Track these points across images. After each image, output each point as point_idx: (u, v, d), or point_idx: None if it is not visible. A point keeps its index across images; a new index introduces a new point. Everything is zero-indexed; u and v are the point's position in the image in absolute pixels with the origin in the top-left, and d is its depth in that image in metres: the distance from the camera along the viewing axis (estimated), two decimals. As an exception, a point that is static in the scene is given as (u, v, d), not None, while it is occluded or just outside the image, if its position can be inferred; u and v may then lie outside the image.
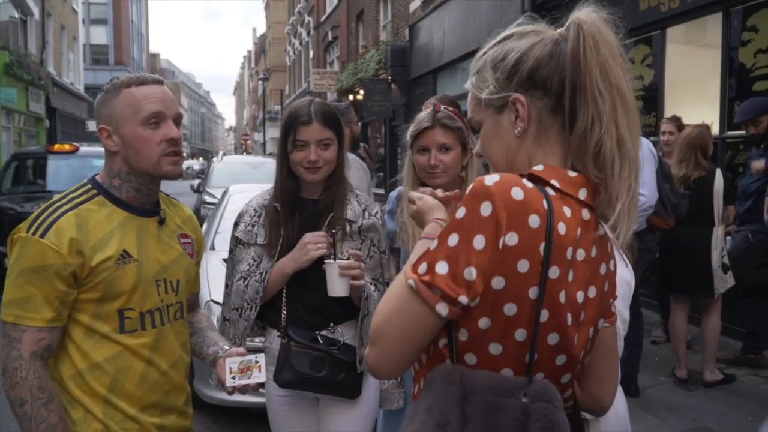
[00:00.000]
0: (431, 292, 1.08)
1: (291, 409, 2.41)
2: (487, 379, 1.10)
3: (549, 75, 1.19)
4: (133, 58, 43.49)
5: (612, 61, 1.16)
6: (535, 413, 1.06)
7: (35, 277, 1.63)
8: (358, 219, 2.38)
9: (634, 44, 7.68)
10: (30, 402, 1.62)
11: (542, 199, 1.11)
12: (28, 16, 23.88)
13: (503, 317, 1.10)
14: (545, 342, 1.13)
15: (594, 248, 1.19)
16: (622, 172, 1.16)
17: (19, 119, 23.15)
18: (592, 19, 1.18)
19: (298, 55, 36.28)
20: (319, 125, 2.28)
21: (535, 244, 1.09)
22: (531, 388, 1.08)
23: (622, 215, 1.16)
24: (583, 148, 1.17)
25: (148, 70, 49.82)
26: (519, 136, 1.21)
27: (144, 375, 1.78)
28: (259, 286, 2.30)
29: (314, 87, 23.15)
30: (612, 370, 1.35)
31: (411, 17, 15.87)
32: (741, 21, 6.13)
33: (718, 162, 5.79)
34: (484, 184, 1.10)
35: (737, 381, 5.04)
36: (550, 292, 1.11)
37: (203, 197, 11.42)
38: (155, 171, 1.78)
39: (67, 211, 1.70)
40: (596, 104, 1.15)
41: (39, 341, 1.65)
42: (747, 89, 5.91)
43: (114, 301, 1.72)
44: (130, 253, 1.75)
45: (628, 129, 1.17)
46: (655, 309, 6.49)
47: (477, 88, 1.25)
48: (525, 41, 1.21)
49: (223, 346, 1.99)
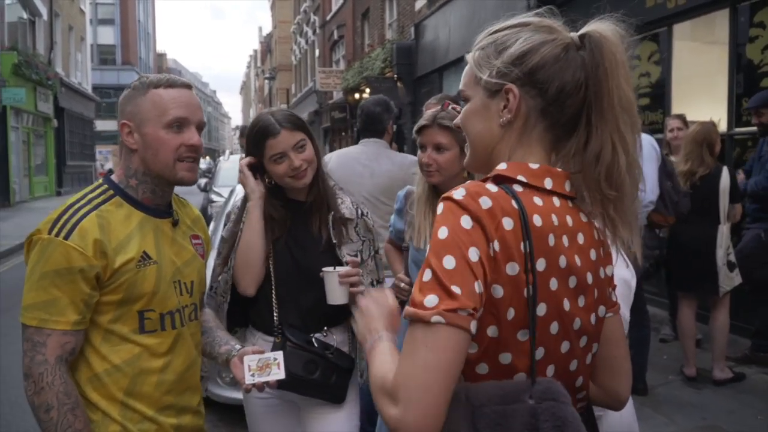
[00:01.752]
0: (460, 315, 1.04)
1: (270, 412, 2.38)
2: (492, 389, 1.09)
3: (549, 78, 1.17)
4: (140, 58, 43.62)
5: (626, 84, 1.18)
6: (543, 413, 1.05)
7: (60, 279, 1.61)
8: (353, 217, 2.35)
9: (640, 41, 7.65)
10: (56, 407, 1.59)
11: (510, 199, 1.11)
12: (37, 16, 24.00)
13: (507, 323, 1.10)
14: (548, 333, 1.13)
15: (580, 234, 1.20)
16: (633, 191, 1.20)
17: (27, 119, 23.27)
18: (612, 35, 1.18)
19: (304, 53, 36.30)
20: (288, 131, 2.22)
21: (516, 245, 1.09)
22: (535, 389, 1.08)
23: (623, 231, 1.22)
24: (595, 166, 1.18)
25: (155, 70, 50.09)
26: (503, 126, 1.21)
27: (161, 376, 1.77)
28: (227, 276, 2.29)
29: (320, 86, 23.15)
30: (624, 361, 1.35)
31: (417, 15, 15.85)
32: (748, 17, 6.10)
33: (726, 159, 5.77)
34: (454, 198, 1.10)
35: (747, 379, 5.01)
36: (542, 285, 1.11)
37: (210, 196, 11.45)
38: (170, 176, 1.77)
39: (89, 212, 1.68)
40: (617, 124, 1.17)
41: (64, 345, 1.62)
42: (755, 86, 5.87)
43: (135, 303, 1.71)
44: (150, 254, 1.74)
45: (636, 152, 1.20)
46: (664, 307, 6.47)
47: (477, 66, 1.23)
48: (537, 36, 1.19)
49: (235, 345, 2.00)
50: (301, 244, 2.30)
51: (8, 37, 21.00)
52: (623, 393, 1.36)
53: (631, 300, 1.75)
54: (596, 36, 1.18)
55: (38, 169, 24.94)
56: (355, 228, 2.35)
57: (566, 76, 1.18)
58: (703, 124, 4.93)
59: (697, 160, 4.81)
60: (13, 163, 20.93)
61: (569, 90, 1.18)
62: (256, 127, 2.26)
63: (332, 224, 2.30)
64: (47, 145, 25.87)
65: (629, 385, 1.36)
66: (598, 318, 1.24)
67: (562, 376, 1.18)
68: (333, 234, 2.28)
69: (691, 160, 4.83)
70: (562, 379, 1.17)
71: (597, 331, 1.25)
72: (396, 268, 3.01)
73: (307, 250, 2.27)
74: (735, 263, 4.87)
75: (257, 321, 2.35)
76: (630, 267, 1.73)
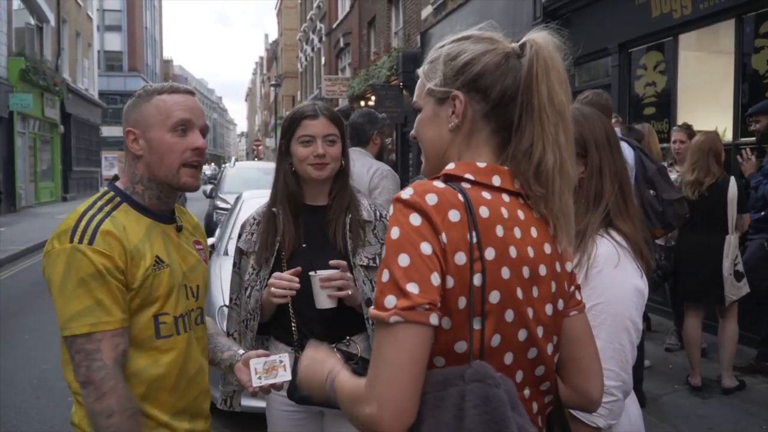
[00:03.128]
0: (418, 311, 1.09)
1: (295, 423, 2.34)
2: (436, 376, 1.13)
3: (491, 83, 1.26)
4: (146, 65, 43.85)
5: (558, 87, 1.25)
6: (469, 393, 1.09)
7: (96, 282, 1.60)
8: (372, 219, 2.33)
9: (646, 51, 7.67)
10: (118, 413, 1.57)
11: (457, 193, 1.17)
12: (44, 22, 24.16)
13: (459, 312, 1.14)
14: (503, 321, 1.17)
15: (533, 228, 1.24)
16: (562, 191, 1.26)
17: (34, 125, 23.39)
18: (547, 43, 1.26)
19: (309, 61, 36.43)
20: (326, 120, 2.26)
21: (463, 235, 1.14)
22: (467, 372, 1.11)
23: (560, 230, 1.27)
24: (526, 164, 1.24)
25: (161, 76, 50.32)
26: (452, 131, 1.29)
27: (176, 381, 1.78)
28: (259, 295, 2.26)
29: (326, 93, 23.23)
30: (593, 361, 1.37)
31: (423, 24, 15.91)
32: (754, 28, 6.11)
33: (731, 168, 5.77)
34: (402, 198, 1.16)
35: (753, 389, 5.00)
36: (493, 273, 1.15)
37: (216, 203, 11.50)
38: (173, 181, 1.79)
39: (104, 217, 1.69)
40: (542, 124, 1.24)
41: (117, 346, 1.62)
42: (760, 96, 5.88)
43: (151, 307, 1.72)
44: (162, 258, 1.76)
45: (567, 151, 1.26)
46: (668, 316, 6.46)
47: (426, 77, 1.33)
48: (480, 46, 1.29)
49: (238, 351, 2.01)
50: (319, 252, 2.27)
51: (16, 42, 21.14)
52: (594, 393, 1.37)
53: (643, 309, 1.76)
54: (532, 43, 1.27)
55: (44, 175, 25.05)
56: (374, 231, 2.32)
57: (507, 81, 1.26)
58: (707, 134, 4.93)
59: (704, 170, 4.80)
60: (19, 168, 21.02)
61: (510, 94, 1.26)
62: (297, 109, 2.31)
63: (350, 227, 2.28)
64: (53, 151, 25.99)
65: (600, 385, 1.38)
66: (556, 310, 1.27)
67: (521, 363, 1.21)
68: (350, 237, 2.27)
69: (698, 170, 4.82)
70: (522, 367, 1.21)
71: (555, 323, 1.28)
72: None
73: (326, 257, 2.22)
74: (743, 273, 4.86)
75: (279, 332, 2.33)
76: (644, 277, 1.74)
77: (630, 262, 1.72)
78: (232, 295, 2.42)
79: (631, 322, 1.68)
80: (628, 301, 1.69)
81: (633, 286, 1.71)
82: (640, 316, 1.74)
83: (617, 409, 1.67)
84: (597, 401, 1.39)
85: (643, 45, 7.60)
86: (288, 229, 2.28)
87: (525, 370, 1.22)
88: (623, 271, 1.69)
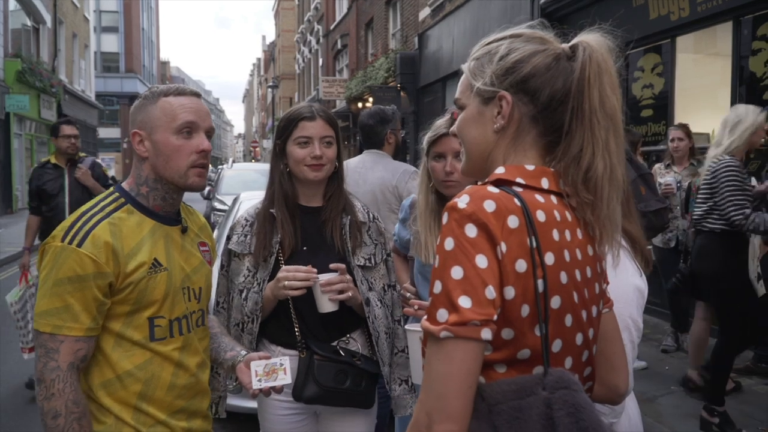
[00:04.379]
0: (469, 327, 1.06)
1: (293, 422, 2.34)
2: (506, 386, 1.11)
3: (540, 86, 1.22)
4: (143, 66, 43.79)
5: (610, 91, 1.22)
6: (556, 402, 1.07)
7: (73, 286, 1.63)
8: (366, 220, 2.36)
9: (644, 53, 7.69)
10: (64, 415, 1.61)
11: (512, 198, 1.14)
12: (41, 24, 24.11)
13: (522, 321, 1.12)
14: (563, 325, 1.16)
15: (578, 230, 1.23)
16: (611, 198, 1.23)
17: (30, 126, 23.33)
18: (600, 46, 1.23)
19: (307, 62, 36.44)
20: (323, 122, 2.26)
21: (523, 241, 1.11)
22: (547, 380, 1.09)
23: (606, 236, 1.25)
24: (574, 168, 1.22)
25: (158, 78, 50.23)
26: (497, 132, 1.25)
27: (173, 381, 1.80)
28: (258, 297, 2.24)
29: (323, 95, 23.23)
30: (621, 357, 1.38)
31: (420, 26, 15.93)
32: (751, 30, 6.14)
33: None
34: (458, 207, 1.12)
35: (749, 390, 5.01)
36: (553, 278, 1.14)
37: (213, 204, 11.50)
38: (181, 181, 1.80)
39: (101, 220, 1.71)
40: (593, 130, 1.21)
41: (76, 351, 1.65)
42: (757, 98, 5.90)
43: (145, 310, 1.74)
44: (160, 261, 1.77)
45: (618, 158, 1.23)
46: (665, 318, 6.47)
47: (472, 74, 1.28)
48: (530, 46, 1.25)
49: (240, 351, 2.02)
50: (316, 253, 2.27)
51: (12, 44, 21.10)
52: (622, 387, 1.38)
53: (643, 309, 1.78)
54: (584, 45, 1.23)
55: (41, 176, 24.94)
56: (368, 231, 2.35)
57: (557, 85, 1.22)
58: None
59: None
60: (15, 169, 20.97)
61: (560, 97, 1.22)
62: (294, 111, 2.31)
63: (349, 229, 2.29)
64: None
65: (627, 379, 1.39)
66: (599, 311, 1.28)
67: (577, 367, 1.21)
68: (349, 238, 2.28)
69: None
70: (578, 370, 1.20)
71: (598, 323, 1.29)
72: (401, 278, 2.97)
73: (324, 258, 2.24)
74: (761, 274, 4.82)
75: (276, 335, 2.31)
76: (643, 276, 1.76)
77: (630, 261, 1.74)
78: (219, 299, 2.39)
79: (631, 321, 1.70)
80: (629, 300, 1.70)
81: (633, 285, 1.72)
82: (641, 315, 1.75)
83: (618, 408, 1.68)
84: (624, 395, 1.40)
85: (641, 47, 7.62)
86: (287, 230, 2.27)
87: (579, 372, 1.22)
88: (623, 270, 1.70)
